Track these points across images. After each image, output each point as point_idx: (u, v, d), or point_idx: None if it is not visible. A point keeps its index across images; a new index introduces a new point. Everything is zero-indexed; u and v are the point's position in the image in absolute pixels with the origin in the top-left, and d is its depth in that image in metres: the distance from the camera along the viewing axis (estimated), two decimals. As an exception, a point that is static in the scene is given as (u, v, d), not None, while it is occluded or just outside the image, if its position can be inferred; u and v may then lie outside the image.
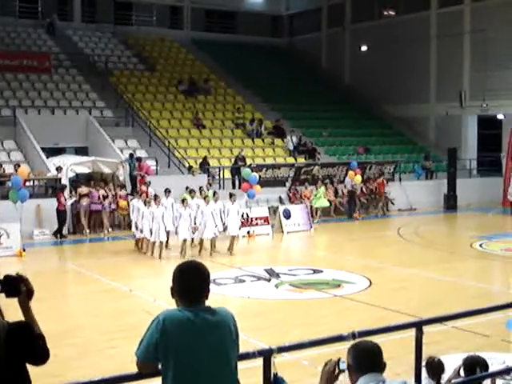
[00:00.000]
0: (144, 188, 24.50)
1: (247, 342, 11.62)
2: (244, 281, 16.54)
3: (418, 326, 4.58)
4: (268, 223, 24.65)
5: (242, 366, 4.15)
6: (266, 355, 4.01)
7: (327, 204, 27.65)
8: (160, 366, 3.85)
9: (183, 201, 19.87)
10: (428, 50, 37.22)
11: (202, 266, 4.04)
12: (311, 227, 25.24)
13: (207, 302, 4.02)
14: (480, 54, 34.56)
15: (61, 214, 23.03)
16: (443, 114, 36.08)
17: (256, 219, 24.30)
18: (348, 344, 4.31)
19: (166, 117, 32.87)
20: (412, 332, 4.83)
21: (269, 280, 16.28)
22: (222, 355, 3.88)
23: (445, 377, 6.87)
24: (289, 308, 14.89)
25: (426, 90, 37.27)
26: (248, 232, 23.33)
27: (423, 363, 7.05)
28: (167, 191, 21.22)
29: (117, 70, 36.10)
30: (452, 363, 6.78)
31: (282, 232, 24.62)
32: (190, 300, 3.90)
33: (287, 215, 25.17)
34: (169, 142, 29.64)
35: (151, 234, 19.30)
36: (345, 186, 28.99)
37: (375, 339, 4.38)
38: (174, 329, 3.77)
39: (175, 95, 35.28)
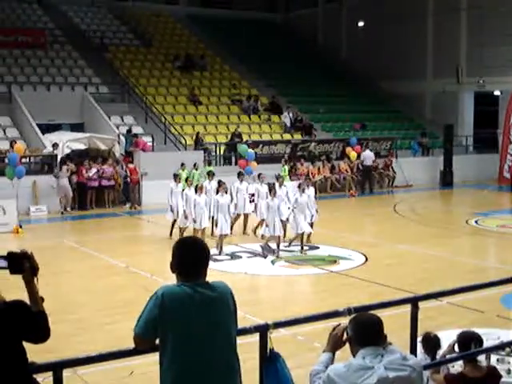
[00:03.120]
0: (131, 166, 24.56)
1: (243, 317, 11.67)
2: (240, 257, 16.60)
3: (414, 301, 4.61)
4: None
5: (238, 341, 4.18)
6: (263, 331, 4.03)
7: (184, 186, 26.00)
8: (158, 342, 3.88)
9: (198, 187, 18.21)
10: (425, 26, 37.06)
11: (202, 242, 4.08)
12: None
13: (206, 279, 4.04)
14: (477, 30, 34.41)
15: (82, 187, 23.70)
16: (440, 91, 36.00)
17: (252, 196, 24.25)
18: (345, 319, 4.34)
19: (162, 93, 32.75)
20: (407, 308, 4.88)
21: (265, 256, 16.33)
22: (221, 330, 3.91)
23: (440, 352, 6.92)
24: (285, 284, 14.97)
25: (422, 67, 37.16)
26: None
27: (419, 339, 7.12)
28: (211, 174, 19.99)
29: (112, 45, 35.91)
30: (447, 339, 6.82)
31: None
32: (189, 275, 3.93)
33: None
34: (165, 119, 29.57)
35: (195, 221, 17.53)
36: (362, 162, 29.18)
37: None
38: (173, 304, 3.80)
39: (171, 71, 35.14)
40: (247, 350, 4.74)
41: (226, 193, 17.72)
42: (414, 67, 36.81)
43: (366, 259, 16.16)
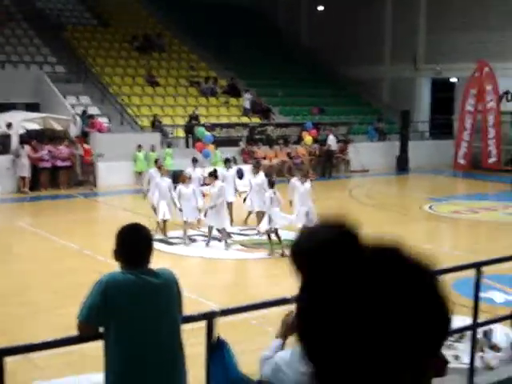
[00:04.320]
0: (86, 147, 24.37)
1: (197, 301, 11.70)
2: (195, 240, 16.57)
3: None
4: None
5: (188, 326, 4.18)
6: (209, 318, 4.04)
7: (141, 168, 25.27)
8: (103, 330, 3.86)
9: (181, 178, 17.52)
10: (384, 11, 37.24)
11: (145, 229, 4.05)
12: (264, 187, 25.32)
13: (157, 263, 4.03)
14: (435, 17, 34.70)
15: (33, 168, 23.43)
16: (397, 76, 36.27)
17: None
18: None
19: (119, 73, 32.42)
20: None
21: (220, 240, 16.33)
22: (166, 316, 3.91)
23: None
24: (240, 268, 15.01)
25: (380, 52, 37.37)
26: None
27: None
28: (227, 161, 19.28)
29: (69, 24, 35.37)
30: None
31: (237, 191, 24.58)
32: (133, 263, 3.91)
33: (240, 175, 25.15)
34: (122, 99, 29.30)
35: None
36: (324, 146, 29.28)
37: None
38: (117, 291, 3.78)
39: (129, 52, 34.79)
40: (196, 334, 4.74)
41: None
42: (373, 53, 36.99)
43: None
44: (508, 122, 31.51)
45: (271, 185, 16.01)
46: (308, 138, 29.11)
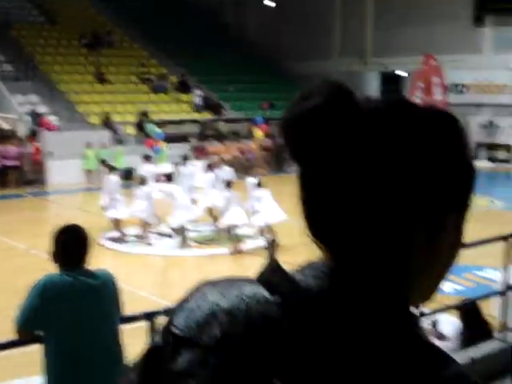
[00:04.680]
0: (35, 145, 24.11)
1: (148, 299, 11.66)
2: (147, 237, 16.47)
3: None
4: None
5: (129, 325, 4.18)
6: (151, 318, 4.05)
7: (95, 167, 25.19)
8: (41, 333, 3.85)
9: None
10: (332, 5, 37.41)
11: (82, 230, 4.04)
12: (216, 183, 25.32)
13: (113, 262, 4.03)
14: (382, 11, 34.99)
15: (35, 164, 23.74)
16: (346, 71, 36.50)
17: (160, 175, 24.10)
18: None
19: (68, 71, 32.04)
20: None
21: (170, 236, 16.31)
22: (104, 317, 3.91)
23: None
24: (191, 264, 14.98)
25: (329, 47, 37.56)
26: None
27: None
28: (185, 158, 19.34)
29: (17, 22, 34.84)
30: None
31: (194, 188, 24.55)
32: (70, 264, 3.91)
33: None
34: (71, 97, 29.01)
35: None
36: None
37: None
38: (54, 294, 3.77)
39: (78, 49, 34.41)
40: (139, 334, 4.73)
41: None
42: (321, 47, 37.18)
43: (274, 238, 16.27)
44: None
45: (228, 184, 16.04)
46: (259, 133, 29.17)
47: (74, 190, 23.65)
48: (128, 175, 25.10)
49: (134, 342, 4.23)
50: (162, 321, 4.15)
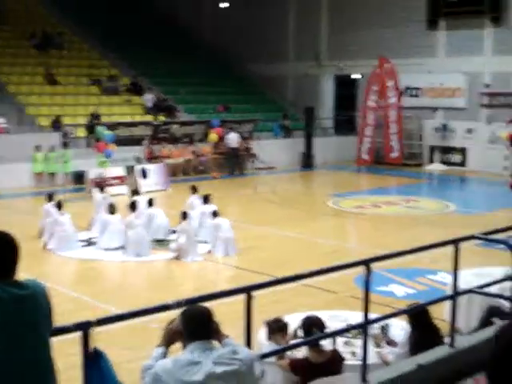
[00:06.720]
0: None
1: (97, 306, 11.31)
2: (95, 243, 16.04)
3: (247, 291, 4.40)
4: (124, 183, 24.11)
5: (62, 336, 3.87)
6: (84, 329, 3.73)
7: (40, 169, 25.07)
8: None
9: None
10: (287, 8, 37.33)
11: (9, 237, 3.67)
12: (168, 186, 25.03)
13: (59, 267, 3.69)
14: (337, 15, 35.08)
15: None
16: (301, 74, 36.48)
17: (112, 179, 23.72)
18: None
19: (17, 72, 31.30)
20: (255, 293, 4.63)
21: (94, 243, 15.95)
22: (33, 329, 3.58)
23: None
24: (141, 270, 14.65)
25: (284, 49, 37.48)
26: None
27: (265, 325, 7.02)
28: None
29: (-37, 22, 34.07)
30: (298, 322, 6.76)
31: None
32: None
33: (144, 174, 24.75)
34: (20, 99, 28.38)
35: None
36: (226, 143, 29.13)
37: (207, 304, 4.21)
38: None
39: (27, 49, 33.69)
40: (73, 344, 4.41)
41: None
42: (277, 50, 37.09)
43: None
44: (409, 116, 32.07)
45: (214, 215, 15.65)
46: (213, 136, 28.88)
47: (22, 194, 23.12)
48: (79, 179, 24.66)
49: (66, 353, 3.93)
50: (95, 331, 3.84)
